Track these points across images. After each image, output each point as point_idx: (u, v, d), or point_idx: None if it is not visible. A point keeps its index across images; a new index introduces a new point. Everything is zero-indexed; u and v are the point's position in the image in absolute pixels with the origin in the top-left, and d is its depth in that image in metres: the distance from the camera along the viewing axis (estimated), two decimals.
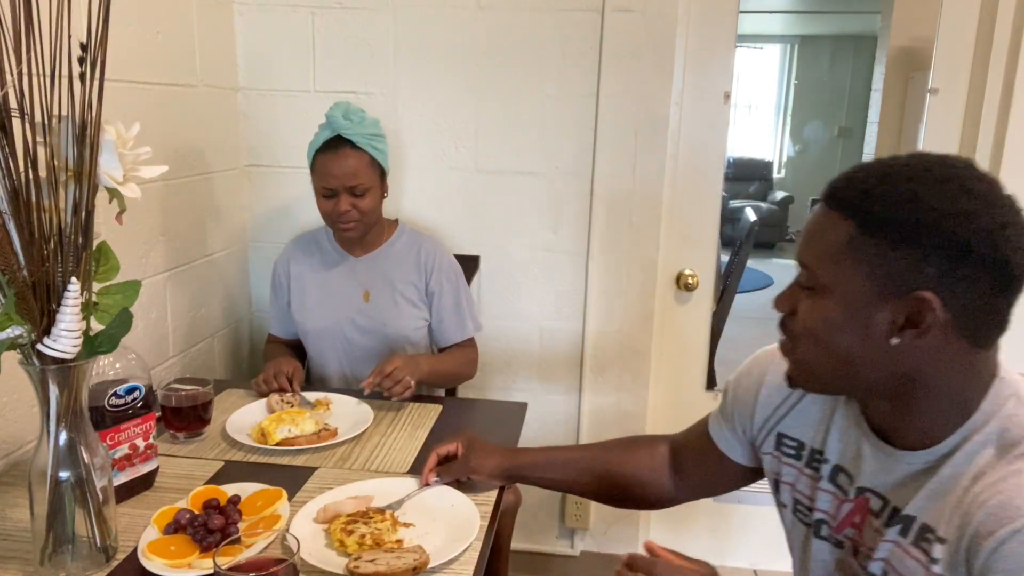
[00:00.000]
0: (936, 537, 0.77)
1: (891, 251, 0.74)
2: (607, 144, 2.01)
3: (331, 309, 1.79)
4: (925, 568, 0.77)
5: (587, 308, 2.12)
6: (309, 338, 1.83)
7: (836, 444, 0.92)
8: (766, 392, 1.00)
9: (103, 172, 0.90)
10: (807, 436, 0.96)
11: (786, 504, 1.00)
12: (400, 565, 0.96)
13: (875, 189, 0.75)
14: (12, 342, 0.88)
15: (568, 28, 1.96)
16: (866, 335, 0.77)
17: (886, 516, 0.84)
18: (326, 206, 1.69)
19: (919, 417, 0.80)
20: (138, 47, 1.61)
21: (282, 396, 1.56)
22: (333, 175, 1.65)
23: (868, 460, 0.87)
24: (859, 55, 7.31)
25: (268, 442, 1.36)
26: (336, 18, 2.02)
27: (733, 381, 1.08)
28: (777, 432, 0.99)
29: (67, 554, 0.97)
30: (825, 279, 0.78)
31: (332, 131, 1.65)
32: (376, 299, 1.79)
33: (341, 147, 1.65)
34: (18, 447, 1.32)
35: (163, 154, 1.69)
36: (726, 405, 1.09)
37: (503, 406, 1.70)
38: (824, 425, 0.94)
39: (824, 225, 0.79)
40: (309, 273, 1.83)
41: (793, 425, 0.97)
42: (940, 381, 0.78)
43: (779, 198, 7.64)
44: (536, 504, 2.25)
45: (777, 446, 0.99)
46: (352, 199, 1.67)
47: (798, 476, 0.97)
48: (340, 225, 1.70)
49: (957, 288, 0.72)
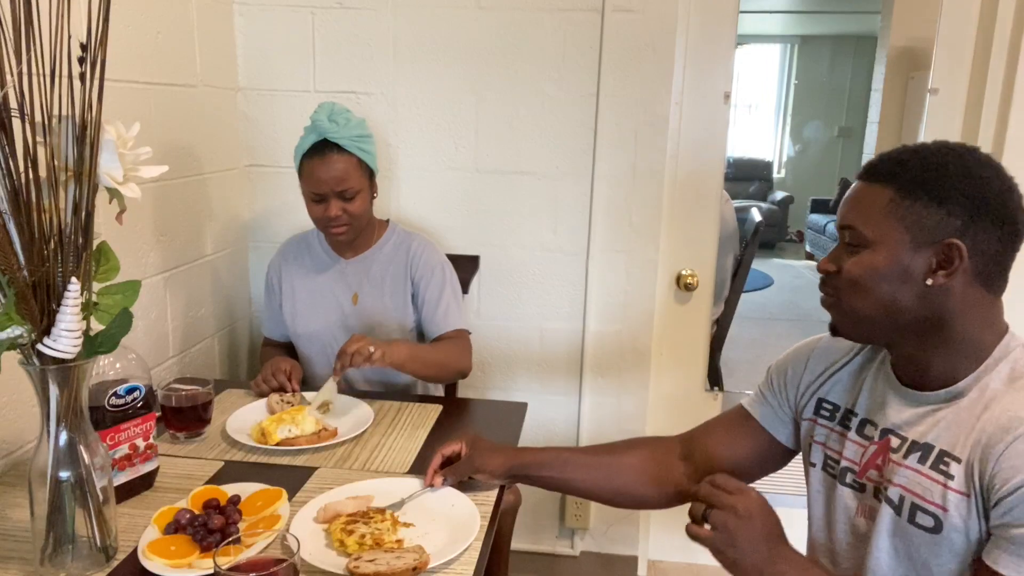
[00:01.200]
0: (952, 457, 0.90)
1: (924, 208, 0.90)
2: (607, 144, 2.01)
3: (321, 312, 1.80)
4: (943, 486, 0.90)
5: (587, 308, 2.12)
6: (300, 341, 1.83)
7: (865, 400, 1.05)
8: (815, 359, 1.14)
9: (103, 172, 0.90)
10: (842, 399, 1.09)
11: (815, 463, 1.10)
12: (400, 565, 0.96)
13: (909, 160, 0.93)
14: (12, 342, 0.88)
15: (568, 28, 1.96)
16: (905, 278, 0.92)
17: (905, 449, 0.96)
18: (316, 211, 1.68)
19: (941, 360, 0.95)
20: (138, 47, 1.61)
21: (282, 396, 1.56)
22: (322, 180, 1.64)
23: (891, 405, 1.00)
24: (859, 55, 7.31)
25: (268, 442, 1.36)
26: (336, 18, 2.02)
27: (780, 361, 1.20)
28: (817, 397, 1.12)
29: (67, 554, 0.97)
30: (871, 235, 0.93)
31: (318, 135, 1.64)
32: (365, 301, 1.79)
33: (328, 151, 1.64)
34: (18, 447, 1.32)
35: (163, 154, 1.69)
36: (771, 383, 1.19)
37: (503, 406, 1.70)
38: (856, 387, 1.07)
39: (865, 193, 0.96)
40: (299, 276, 1.83)
41: (831, 391, 1.11)
42: (962, 323, 0.93)
43: (779, 198, 7.64)
44: (536, 504, 2.25)
45: (816, 410, 1.12)
46: (342, 203, 1.66)
47: (829, 434, 1.09)
48: (331, 230, 1.70)
49: (977, 237, 0.89)
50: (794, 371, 1.16)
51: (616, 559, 2.29)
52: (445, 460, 1.25)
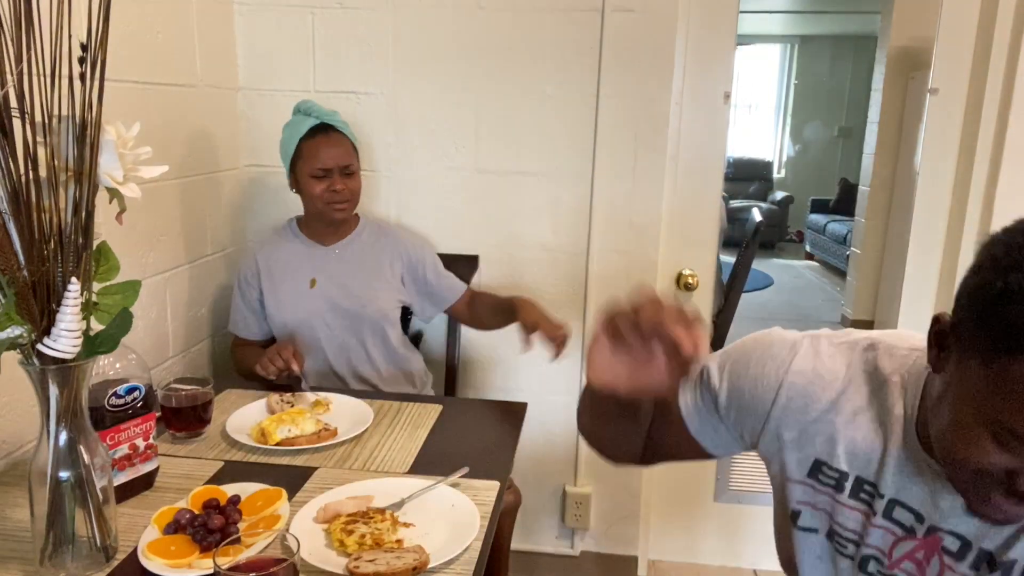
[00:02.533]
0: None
1: None
2: (607, 144, 2.01)
3: (306, 299, 1.81)
4: None
5: (587, 308, 2.12)
6: (284, 331, 1.82)
7: (894, 479, 0.83)
8: (790, 394, 0.87)
9: (103, 172, 0.90)
10: (850, 465, 0.86)
11: (814, 528, 0.90)
12: (400, 565, 0.96)
13: None
14: (12, 342, 0.88)
15: (568, 28, 1.96)
16: None
17: (972, 559, 0.78)
18: (318, 187, 1.73)
19: None
20: (138, 47, 1.61)
21: (282, 396, 1.56)
22: (329, 156, 1.72)
23: (948, 502, 0.79)
24: (859, 55, 7.31)
25: (268, 442, 1.35)
26: (336, 18, 2.02)
27: (733, 371, 0.92)
28: (813, 459, 0.88)
29: (67, 554, 0.97)
30: None
31: (316, 119, 1.73)
32: (350, 283, 1.82)
33: (330, 132, 1.74)
34: (18, 447, 1.32)
35: (163, 154, 1.69)
36: (717, 398, 0.93)
37: (503, 406, 1.70)
38: (877, 457, 0.84)
39: None
40: (279, 266, 1.83)
41: (825, 450, 0.87)
42: None
43: (779, 198, 7.65)
44: (536, 504, 2.25)
45: (811, 473, 0.88)
46: (343, 180, 1.74)
47: (837, 507, 0.87)
48: (335, 205, 1.76)
49: None
50: (754, 397, 0.89)
51: (616, 559, 2.29)
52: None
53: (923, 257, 2.13)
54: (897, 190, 2.76)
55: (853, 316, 4.05)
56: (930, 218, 2.11)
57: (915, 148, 2.15)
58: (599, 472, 2.23)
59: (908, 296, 2.17)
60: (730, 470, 2.34)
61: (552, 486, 2.26)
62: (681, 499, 2.32)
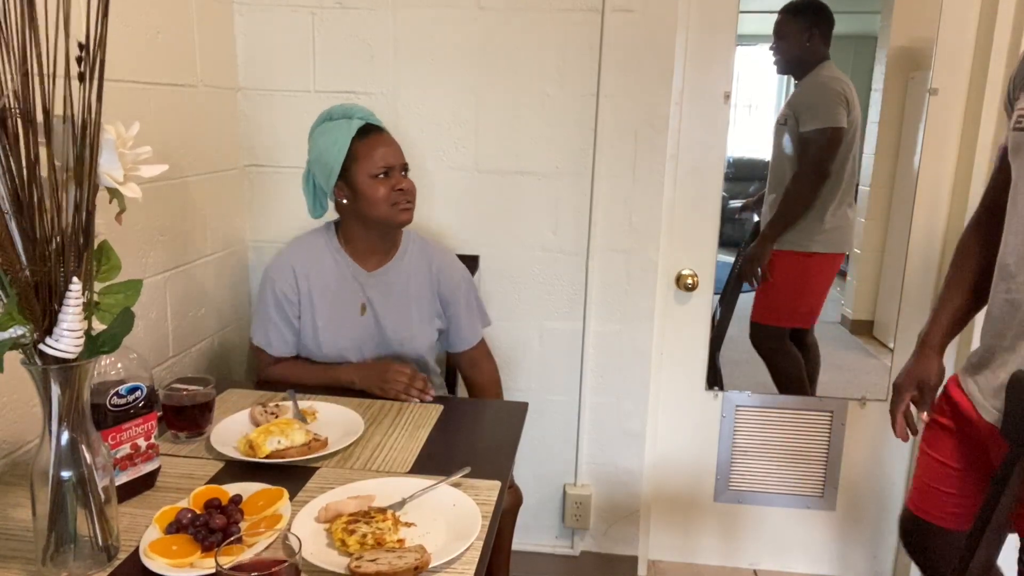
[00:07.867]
0: None
1: None
2: (607, 144, 2.01)
3: (347, 330, 1.73)
4: None
5: (587, 308, 2.12)
6: (318, 357, 1.75)
7: None
8: None
9: (103, 172, 0.90)
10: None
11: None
12: (401, 565, 0.96)
13: None
14: (14, 342, 0.88)
15: (568, 28, 1.96)
16: None
17: None
18: (382, 189, 1.63)
19: None
20: (138, 47, 1.61)
21: (265, 407, 1.49)
22: (390, 153, 1.65)
23: None
24: (859, 55, 7.31)
25: (257, 455, 1.30)
26: (336, 18, 2.02)
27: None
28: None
29: (69, 554, 0.97)
30: None
31: (361, 119, 1.66)
32: (389, 316, 1.74)
33: (381, 130, 1.68)
34: (20, 447, 1.32)
35: (163, 154, 1.69)
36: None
37: (503, 406, 1.70)
38: None
39: None
40: (324, 287, 1.73)
41: None
42: None
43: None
44: (536, 504, 2.25)
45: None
46: (405, 179, 1.68)
47: None
48: (402, 206, 1.66)
49: None
50: None
51: (616, 559, 2.29)
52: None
53: (923, 257, 2.14)
54: (897, 190, 2.76)
55: (853, 316, 4.04)
56: (930, 218, 2.11)
57: (915, 148, 2.15)
58: (599, 472, 2.23)
59: (908, 296, 2.18)
60: (730, 470, 2.34)
61: (552, 486, 2.26)
62: (681, 499, 2.32)
